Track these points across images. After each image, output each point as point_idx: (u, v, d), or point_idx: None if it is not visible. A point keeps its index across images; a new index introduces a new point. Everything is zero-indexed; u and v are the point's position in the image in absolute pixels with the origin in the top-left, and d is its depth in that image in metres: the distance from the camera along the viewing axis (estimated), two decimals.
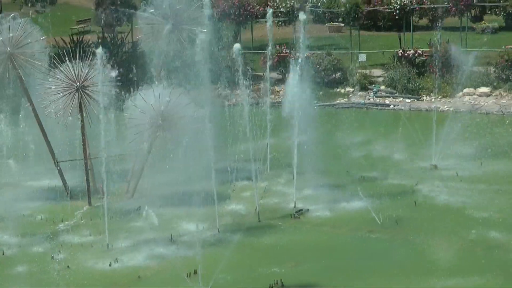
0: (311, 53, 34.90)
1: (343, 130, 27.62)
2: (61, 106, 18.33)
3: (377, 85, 34.75)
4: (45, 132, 19.75)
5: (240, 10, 38.58)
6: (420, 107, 31.69)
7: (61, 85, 18.35)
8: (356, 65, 37.39)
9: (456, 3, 36.59)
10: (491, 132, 26.74)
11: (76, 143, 20.34)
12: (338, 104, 33.54)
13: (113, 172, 19.10)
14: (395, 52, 36.66)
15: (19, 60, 19.05)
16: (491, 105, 31.57)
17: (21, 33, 19.00)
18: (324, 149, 22.85)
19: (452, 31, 38.64)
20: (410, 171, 22.09)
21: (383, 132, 27.54)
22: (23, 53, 19.08)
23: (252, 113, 21.67)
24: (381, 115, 31.50)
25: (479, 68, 34.10)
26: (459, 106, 31.09)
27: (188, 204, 18.25)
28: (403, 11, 38.56)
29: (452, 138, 23.39)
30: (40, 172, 21.57)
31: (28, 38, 19.14)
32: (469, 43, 37.60)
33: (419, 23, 44.94)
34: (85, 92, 18.31)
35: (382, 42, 42.81)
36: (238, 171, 21.42)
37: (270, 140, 23.00)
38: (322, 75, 35.24)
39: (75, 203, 19.60)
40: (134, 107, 18.07)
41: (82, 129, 19.13)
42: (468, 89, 32.76)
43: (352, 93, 34.65)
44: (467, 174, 21.57)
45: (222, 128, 22.16)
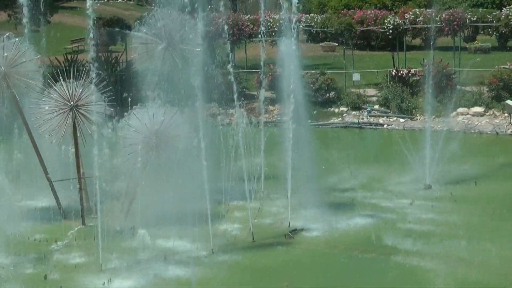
0: (305, 73, 35.00)
1: (337, 149, 27.63)
2: (55, 125, 18.29)
3: (371, 105, 34.85)
4: (38, 151, 19.69)
5: (233, 29, 38.70)
6: (414, 127, 31.77)
7: (55, 104, 18.33)
8: (350, 84, 37.54)
9: (449, 23, 36.81)
10: (485, 152, 26.81)
11: (70, 163, 20.27)
12: (332, 123, 33.59)
13: (107, 191, 19.04)
14: (388, 72, 36.81)
15: (13, 79, 19.03)
16: (485, 125, 31.68)
17: (15, 52, 18.98)
18: (318, 168, 22.82)
19: (445, 51, 38.83)
20: (404, 191, 22.06)
21: (377, 151, 27.60)
22: (17, 72, 19.06)
23: (246, 132, 21.67)
24: (375, 135, 31.57)
25: (472, 87, 34.28)
26: (452, 126, 31.15)
27: (182, 224, 18.18)
28: (396, 31, 38.77)
29: (446, 158, 23.40)
30: (33, 192, 21.48)
31: (22, 57, 19.12)
32: (462, 63, 37.77)
33: (413, 42, 45.24)
34: (79, 111, 18.27)
35: (376, 62, 43.01)
36: (232, 190, 21.37)
37: (264, 159, 22.98)
38: (316, 94, 35.35)
39: (68, 222, 19.50)
40: (128, 126, 18.03)
41: (76, 148, 19.07)
42: (462, 108, 32.91)
43: (346, 112, 34.72)
44: (461, 194, 21.56)
45: (215, 148, 22.10)
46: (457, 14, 37.46)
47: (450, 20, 37.07)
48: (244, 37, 39.81)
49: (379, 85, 36.81)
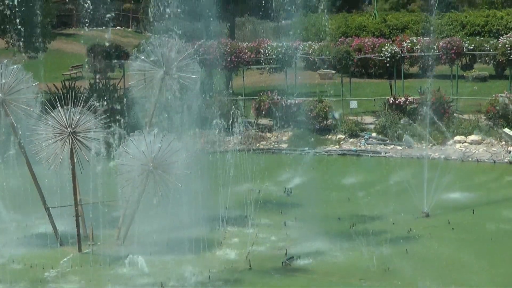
0: (303, 100, 35.14)
1: (334, 177, 27.65)
2: (52, 152, 18.27)
3: (369, 132, 34.90)
4: (35, 178, 19.67)
5: (232, 56, 38.84)
6: (411, 155, 31.77)
7: (52, 131, 18.32)
8: (347, 112, 37.62)
9: (446, 51, 36.98)
10: (482, 180, 26.81)
11: (66, 189, 20.23)
12: (329, 150, 33.60)
13: (104, 218, 19.01)
14: (386, 100, 36.89)
15: (11, 106, 19.05)
16: (482, 153, 31.69)
17: (13, 79, 19.02)
18: (315, 196, 22.82)
19: (442, 79, 38.98)
20: (402, 219, 22.01)
21: (374, 179, 27.57)
22: (15, 99, 19.09)
23: (243, 159, 21.71)
24: (372, 162, 31.56)
25: (469, 116, 34.36)
26: (450, 154, 31.21)
27: (179, 251, 18.16)
28: (393, 58, 38.94)
29: (444, 186, 23.41)
30: (30, 218, 21.45)
31: (20, 84, 19.16)
32: (459, 91, 37.90)
33: (410, 70, 45.39)
34: (77, 138, 18.27)
35: (373, 89, 43.12)
36: (229, 217, 21.34)
37: (261, 186, 22.99)
38: (313, 121, 35.43)
39: (65, 249, 19.43)
40: (126, 153, 18.03)
41: (73, 175, 19.03)
42: (459, 136, 32.95)
43: (344, 140, 34.75)
44: (459, 222, 21.52)
45: (213, 174, 22.11)
46: (455, 43, 37.63)
47: (448, 48, 37.24)
48: (242, 64, 39.93)
49: (377, 112, 36.89)
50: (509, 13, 60.78)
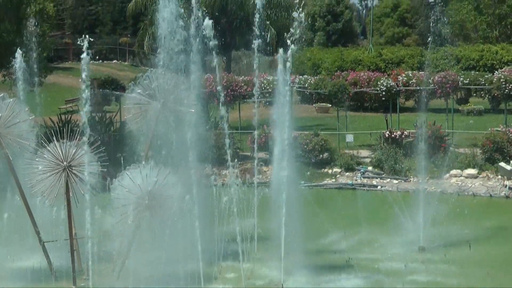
0: (299, 133, 35.14)
1: (330, 211, 27.57)
2: (47, 186, 18.21)
3: (365, 166, 34.90)
4: (31, 212, 19.59)
5: (228, 90, 38.89)
6: (407, 188, 31.74)
7: (48, 164, 18.28)
8: (343, 145, 37.64)
9: (441, 85, 37.10)
10: (479, 215, 26.74)
11: (62, 223, 20.15)
12: (325, 184, 33.58)
13: (99, 252, 18.91)
14: (382, 133, 36.94)
15: (7, 140, 19.04)
16: (478, 187, 31.69)
17: (9, 113, 19.03)
18: (311, 230, 22.73)
19: (438, 112, 39.06)
20: (398, 253, 21.96)
21: (370, 213, 27.49)
22: (11, 133, 19.08)
23: (239, 193, 21.64)
24: (368, 196, 31.52)
25: (465, 149, 34.39)
26: (446, 188, 31.19)
27: (174, 285, 18.05)
28: (389, 92, 39.05)
29: (440, 220, 23.37)
30: (24, 252, 21.33)
31: (16, 118, 19.16)
32: (455, 125, 37.97)
33: (406, 104, 45.49)
34: (72, 172, 18.22)
35: (369, 123, 43.22)
36: (225, 251, 21.25)
37: (257, 220, 22.89)
38: (309, 155, 35.42)
39: (59, 283, 19.32)
40: (121, 187, 17.97)
41: (68, 209, 18.97)
42: (455, 170, 32.96)
43: (340, 173, 34.74)
44: (456, 256, 21.47)
45: (208, 208, 22.04)
46: (450, 77, 37.76)
47: (443, 82, 37.36)
48: (238, 98, 39.98)
49: (373, 146, 36.94)
50: (503, 48, 61.23)
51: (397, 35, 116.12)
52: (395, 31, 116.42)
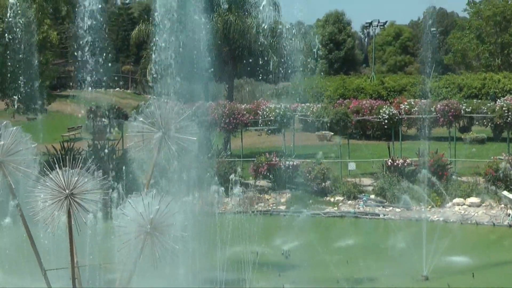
0: (301, 162, 35.14)
1: (332, 239, 27.49)
2: (50, 214, 18.17)
3: (367, 194, 34.83)
4: (32, 239, 19.52)
5: (230, 118, 38.97)
6: (410, 217, 31.63)
7: (50, 192, 18.25)
8: (345, 173, 37.60)
9: (444, 114, 37.13)
10: (482, 243, 26.66)
11: (63, 251, 20.08)
12: (327, 212, 33.50)
13: (100, 280, 18.83)
14: (384, 161, 36.90)
15: (9, 168, 19.03)
16: (481, 216, 31.57)
17: (12, 141, 19.03)
18: (313, 258, 22.67)
19: (440, 141, 39.06)
20: (401, 282, 21.84)
21: (373, 241, 27.43)
22: (13, 161, 19.07)
23: (241, 220, 21.61)
24: (371, 225, 31.44)
25: (468, 178, 34.32)
26: (449, 216, 31.12)
27: None
28: (391, 120, 39.10)
29: (443, 249, 23.28)
30: (26, 280, 21.25)
31: (19, 146, 19.16)
32: (457, 153, 37.95)
33: (408, 132, 45.50)
34: (74, 200, 18.18)
35: (371, 151, 43.18)
36: (226, 279, 21.15)
37: (258, 248, 22.84)
38: (311, 183, 35.39)
39: None
40: (123, 215, 17.92)
41: (70, 237, 18.90)
42: (458, 199, 32.88)
43: (342, 201, 34.68)
44: (459, 286, 21.35)
45: (210, 236, 21.98)
46: (452, 105, 37.82)
47: (445, 111, 37.41)
48: (240, 125, 40.05)
49: (375, 174, 36.88)
50: (506, 76, 61.30)
51: (399, 63, 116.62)
52: (397, 59, 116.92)
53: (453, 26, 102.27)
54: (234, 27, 48.04)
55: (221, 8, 50.50)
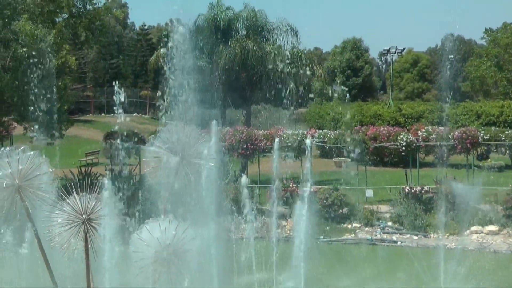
0: (318, 188, 35.07)
1: (350, 267, 27.33)
2: (66, 239, 18.19)
3: (384, 221, 34.67)
4: (49, 265, 19.53)
5: (247, 144, 38.99)
6: (427, 244, 31.46)
7: (67, 217, 18.29)
8: (363, 200, 37.48)
9: (462, 141, 37.00)
10: (501, 272, 26.42)
11: (80, 276, 20.07)
12: (345, 239, 33.36)
13: None
14: (401, 188, 36.76)
15: (27, 193, 19.08)
16: (500, 244, 31.34)
17: (30, 165, 19.10)
18: (330, 285, 22.53)
19: (458, 168, 38.89)
20: None
21: (390, 269, 27.24)
22: (31, 186, 19.12)
23: (258, 247, 21.54)
24: (388, 252, 31.24)
25: (486, 206, 34.12)
26: (467, 244, 30.88)
27: None
28: (409, 147, 38.99)
29: (461, 277, 23.09)
30: None
31: (36, 170, 19.22)
32: (475, 181, 37.74)
33: (425, 159, 45.37)
34: (91, 225, 18.20)
35: (389, 178, 43.05)
36: None
37: (276, 275, 22.73)
38: (328, 210, 35.28)
39: None
40: (140, 240, 17.91)
41: (87, 262, 18.89)
42: (476, 227, 32.67)
43: (359, 228, 34.53)
44: None
45: (227, 262, 21.92)
46: (470, 133, 37.71)
47: (463, 138, 37.29)
48: (257, 151, 40.05)
49: (392, 201, 36.73)
50: None
51: (417, 90, 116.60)
52: (414, 86, 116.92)
53: (471, 54, 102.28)
54: (252, 53, 48.21)
55: (239, 34, 50.78)
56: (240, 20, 50.86)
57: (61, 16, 37.71)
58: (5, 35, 35.30)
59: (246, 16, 50.67)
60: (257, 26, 50.69)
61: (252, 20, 50.56)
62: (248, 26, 50.75)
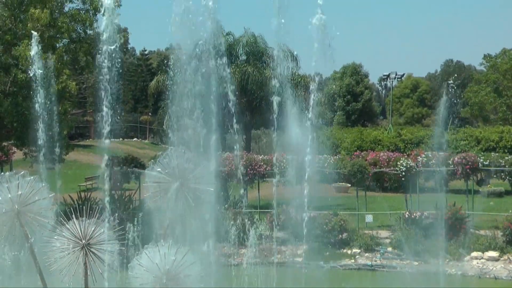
0: (318, 213, 35.03)
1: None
2: (66, 264, 18.14)
3: (384, 247, 34.59)
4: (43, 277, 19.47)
5: (247, 169, 38.98)
6: (427, 270, 31.34)
7: (66, 242, 18.25)
8: (362, 226, 37.42)
9: (461, 166, 37.00)
10: None
11: None
12: (344, 265, 33.26)
13: None
14: (401, 214, 36.72)
15: (26, 218, 19.05)
16: (500, 270, 31.25)
17: (29, 190, 19.09)
18: None
19: (458, 193, 38.87)
20: None
21: None
22: (30, 211, 19.10)
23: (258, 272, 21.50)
24: (388, 278, 31.16)
25: (486, 231, 34.07)
26: (467, 270, 30.79)
27: None
28: (409, 173, 38.95)
29: None
30: None
31: (36, 195, 19.21)
32: (475, 206, 37.72)
33: (425, 185, 45.31)
34: (91, 250, 18.16)
35: (389, 203, 43.02)
36: None
37: None
38: (328, 235, 35.21)
39: None
40: (139, 266, 17.87)
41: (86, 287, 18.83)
42: (476, 252, 32.59)
43: (359, 254, 34.45)
44: None
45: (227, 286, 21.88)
46: (470, 158, 37.70)
47: (463, 163, 37.29)
48: (257, 176, 40.03)
49: (392, 227, 36.67)
50: None
51: (417, 116, 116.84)
52: (414, 112, 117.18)
53: (470, 79, 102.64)
54: (252, 78, 48.36)
55: (239, 59, 50.94)
56: (240, 45, 51.06)
57: (61, 42, 37.84)
58: (6, 60, 35.45)
59: (246, 42, 50.88)
60: (257, 52, 50.86)
61: (252, 45, 50.76)
62: (248, 52, 50.94)
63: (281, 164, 39.86)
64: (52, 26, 35.11)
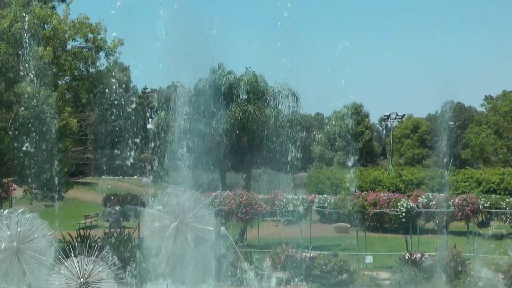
0: (317, 254, 34.88)
1: None
2: None
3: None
4: None
5: (247, 208, 38.87)
6: None
7: (64, 281, 18.19)
8: (362, 267, 37.23)
9: (462, 208, 36.91)
10: None
11: None
12: None
13: None
14: (402, 255, 36.54)
15: (25, 255, 19.01)
16: None
17: (28, 228, 19.07)
18: None
19: (458, 235, 38.75)
20: None
21: None
22: (29, 248, 19.06)
23: None
24: None
25: (488, 274, 33.85)
26: None
27: None
28: (409, 214, 38.83)
29: None
30: None
31: (35, 233, 19.19)
32: (476, 249, 37.57)
33: (426, 226, 45.20)
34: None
35: (389, 244, 42.87)
36: None
37: None
38: (328, 276, 35.00)
39: None
40: None
41: None
42: None
43: None
44: None
45: None
46: (470, 200, 37.61)
47: (463, 205, 37.19)
48: (257, 216, 39.90)
49: (392, 268, 36.46)
50: None
51: (417, 156, 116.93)
52: (415, 152, 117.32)
53: (470, 120, 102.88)
54: (253, 117, 48.44)
55: (240, 98, 51.07)
56: (241, 84, 51.22)
57: (63, 79, 37.99)
58: (8, 98, 35.52)
59: (247, 80, 51.05)
60: (258, 91, 51.01)
61: (253, 84, 50.93)
62: (249, 90, 51.09)
63: (281, 203, 39.82)
64: (54, 63, 35.26)
